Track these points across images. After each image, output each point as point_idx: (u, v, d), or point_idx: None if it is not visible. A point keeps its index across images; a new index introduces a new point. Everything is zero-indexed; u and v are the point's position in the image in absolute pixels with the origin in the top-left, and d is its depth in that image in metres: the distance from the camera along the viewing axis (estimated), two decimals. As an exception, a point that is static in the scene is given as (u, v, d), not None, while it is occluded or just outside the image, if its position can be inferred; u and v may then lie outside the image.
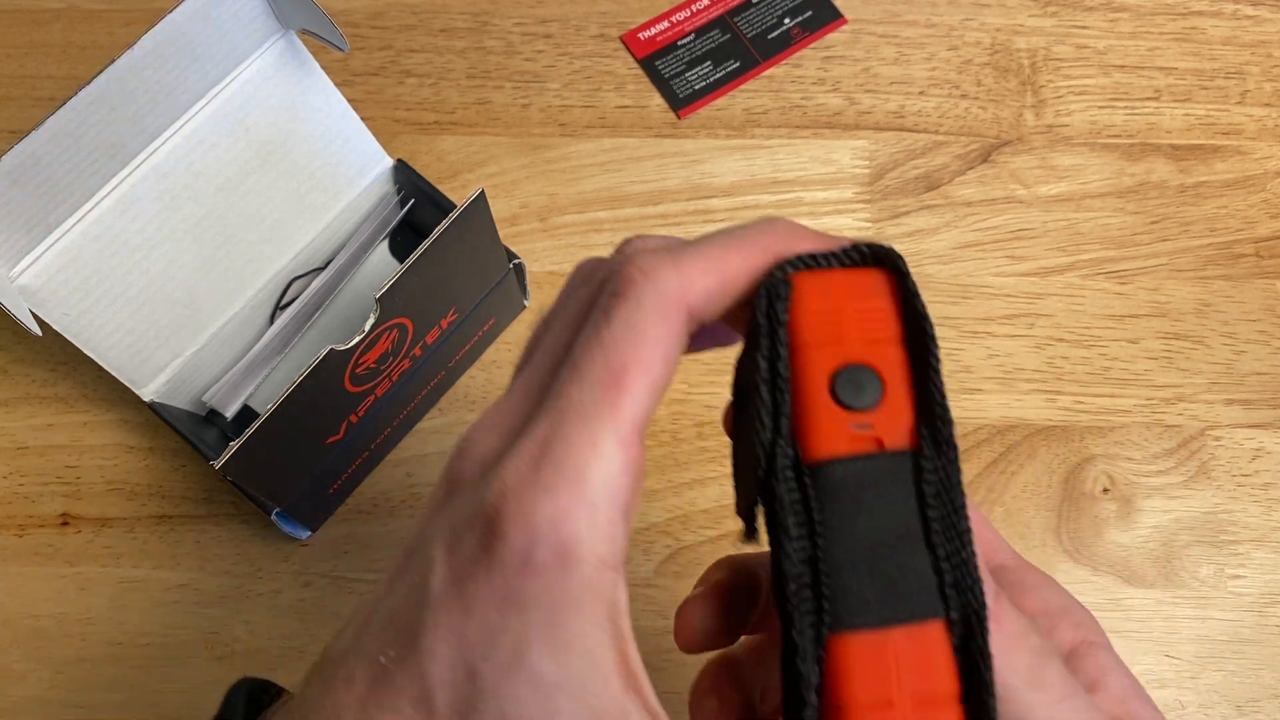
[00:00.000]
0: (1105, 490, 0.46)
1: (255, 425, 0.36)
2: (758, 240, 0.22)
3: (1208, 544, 0.45)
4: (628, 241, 0.23)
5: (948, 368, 0.48)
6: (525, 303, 0.49)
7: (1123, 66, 0.54)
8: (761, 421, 0.21)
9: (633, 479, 0.20)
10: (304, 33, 0.43)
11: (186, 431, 0.44)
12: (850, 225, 0.51)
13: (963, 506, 0.21)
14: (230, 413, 0.45)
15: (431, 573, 0.20)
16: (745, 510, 0.23)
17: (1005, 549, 0.28)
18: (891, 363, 0.22)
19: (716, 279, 0.21)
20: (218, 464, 0.36)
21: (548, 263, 0.50)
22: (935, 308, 0.49)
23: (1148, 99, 0.54)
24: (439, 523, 0.21)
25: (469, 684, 0.19)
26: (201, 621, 0.44)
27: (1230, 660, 0.43)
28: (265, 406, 0.38)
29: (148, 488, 0.46)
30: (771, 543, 0.22)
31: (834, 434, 0.21)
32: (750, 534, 0.23)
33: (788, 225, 0.23)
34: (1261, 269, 0.50)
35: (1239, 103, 0.53)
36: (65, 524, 0.46)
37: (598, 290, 0.22)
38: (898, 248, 0.50)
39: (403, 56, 0.55)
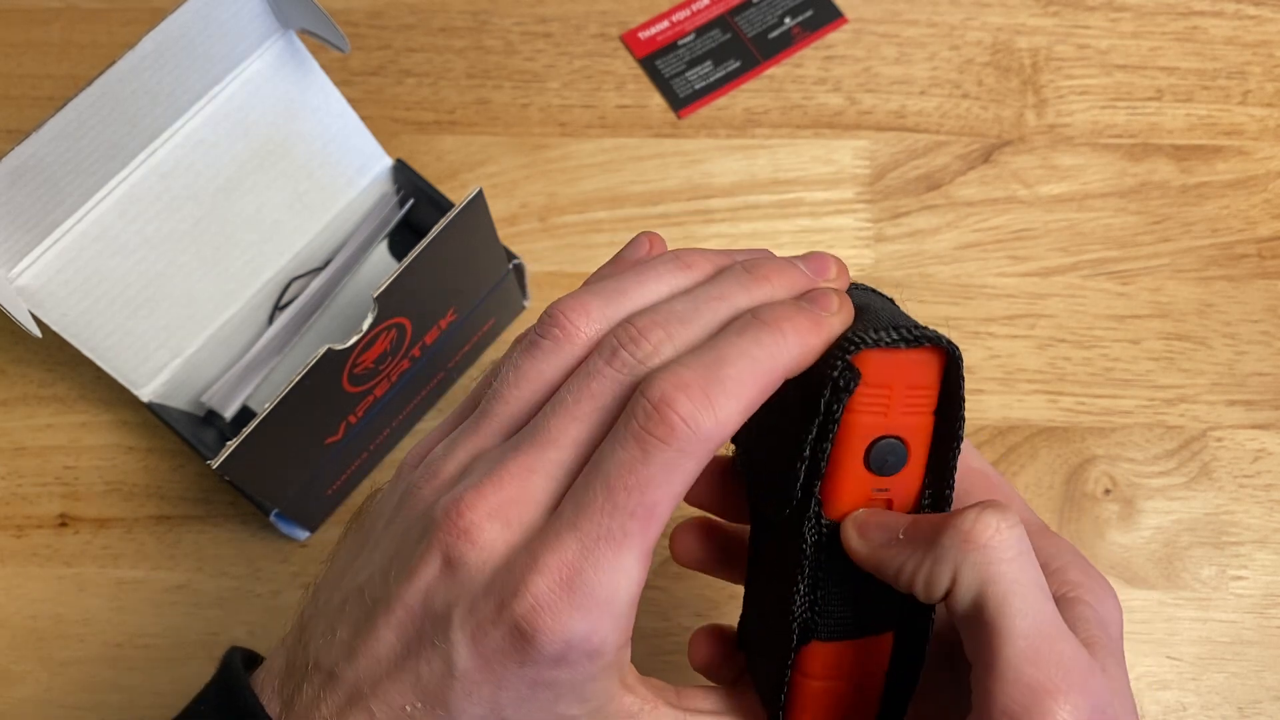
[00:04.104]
0: (1107, 491, 0.46)
1: (252, 425, 0.36)
2: (780, 363, 0.23)
3: (1209, 545, 0.45)
4: (654, 370, 0.23)
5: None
6: (525, 303, 0.49)
7: (1124, 66, 0.54)
8: (799, 481, 0.25)
9: (646, 576, 0.23)
10: (303, 32, 0.43)
11: (185, 432, 0.44)
12: (851, 225, 0.51)
13: None
14: (229, 413, 0.45)
15: (455, 652, 0.23)
16: (761, 500, 0.28)
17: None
18: (919, 433, 0.25)
19: (744, 415, 0.23)
20: (215, 464, 0.36)
21: (548, 263, 0.50)
22: (936, 308, 0.49)
23: (1149, 99, 0.53)
24: (451, 601, 0.23)
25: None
26: (200, 623, 0.44)
27: (1232, 662, 0.43)
28: (263, 407, 0.38)
29: (146, 488, 0.46)
30: (781, 562, 0.27)
31: (856, 497, 0.25)
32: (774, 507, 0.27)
33: (802, 332, 0.24)
34: (1263, 269, 0.50)
35: (1240, 103, 0.53)
36: (63, 525, 0.46)
37: (618, 397, 0.23)
38: (899, 248, 0.50)
39: (402, 56, 0.55)
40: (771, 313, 0.24)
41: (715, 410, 0.22)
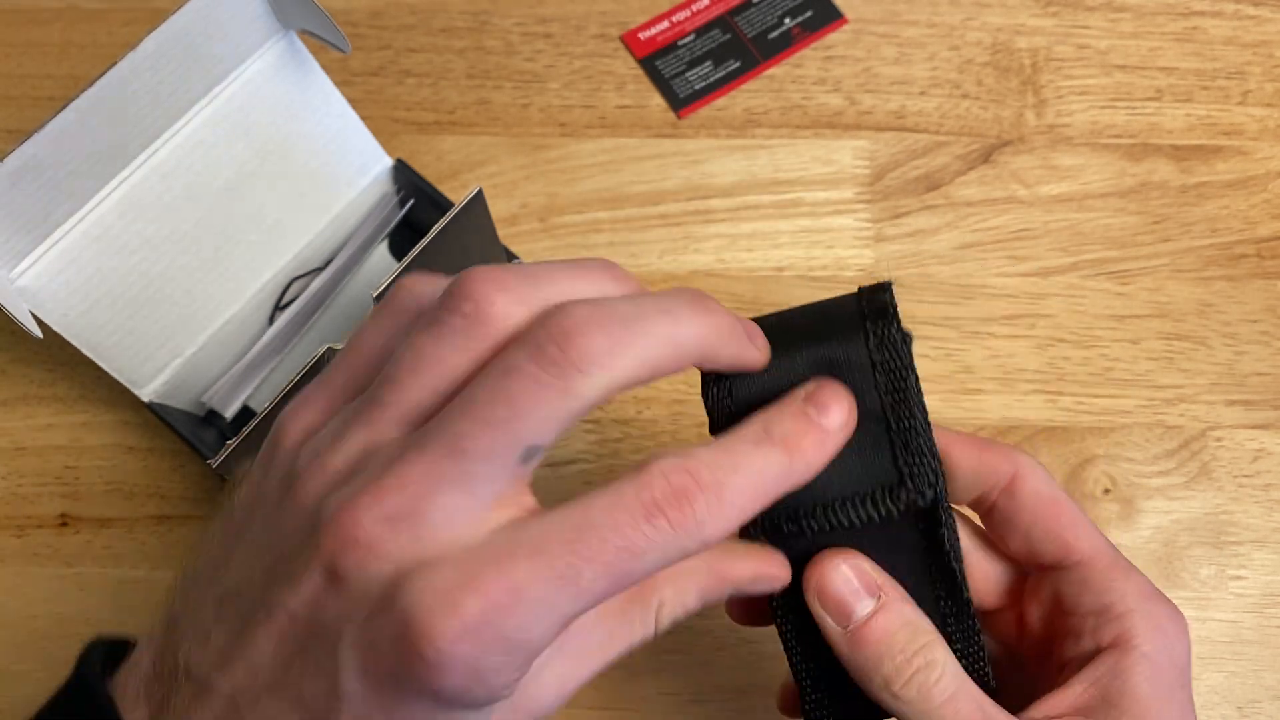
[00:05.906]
0: (1106, 491, 0.46)
1: (252, 424, 0.36)
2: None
3: (1209, 545, 0.45)
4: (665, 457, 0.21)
5: (948, 368, 0.48)
6: (525, 303, 0.49)
7: (1124, 66, 0.54)
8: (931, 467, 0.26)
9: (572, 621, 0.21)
10: (304, 33, 0.43)
11: (185, 432, 0.44)
12: (851, 225, 0.51)
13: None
14: (229, 413, 0.45)
15: (343, 674, 0.20)
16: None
17: (1091, 542, 0.28)
18: None
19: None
20: (215, 463, 0.36)
21: (547, 263, 0.50)
22: (936, 308, 0.49)
23: (1149, 99, 0.53)
24: (341, 615, 0.20)
25: None
26: (200, 622, 0.44)
27: (1231, 661, 0.43)
28: (263, 407, 0.38)
29: (147, 488, 0.46)
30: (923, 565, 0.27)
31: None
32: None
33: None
34: (1263, 269, 0.50)
35: (1240, 103, 0.53)
36: (64, 524, 0.46)
37: (546, 402, 0.20)
38: (899, 248, 0.50)
39: (402, 56, 0.55)
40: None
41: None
